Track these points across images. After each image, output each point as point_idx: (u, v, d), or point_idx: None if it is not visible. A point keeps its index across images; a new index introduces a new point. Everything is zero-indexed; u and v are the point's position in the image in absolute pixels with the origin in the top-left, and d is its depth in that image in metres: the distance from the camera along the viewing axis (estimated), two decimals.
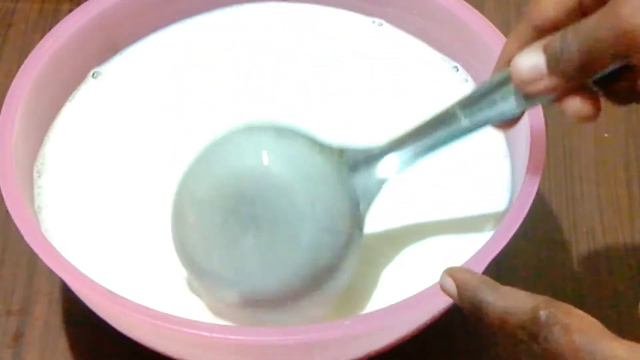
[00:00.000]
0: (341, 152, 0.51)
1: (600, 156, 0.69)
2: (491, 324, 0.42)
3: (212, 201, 0.50)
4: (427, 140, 0.51)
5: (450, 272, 0.44)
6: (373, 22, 0.67)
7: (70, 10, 0.63)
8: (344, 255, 0.50)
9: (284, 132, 0.50)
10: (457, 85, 0.64)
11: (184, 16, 0.66)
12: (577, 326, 0.38)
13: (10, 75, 0.59)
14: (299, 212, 0.49)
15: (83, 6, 0.63)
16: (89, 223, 0.58)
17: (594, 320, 0.39)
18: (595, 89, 0.48)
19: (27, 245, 0.53)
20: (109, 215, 0.58)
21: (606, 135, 0.70)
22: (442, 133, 0.51)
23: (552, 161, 0.68)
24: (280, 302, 0.51)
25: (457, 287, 0.44)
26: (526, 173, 0.55)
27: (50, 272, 0.52)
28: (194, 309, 0.54)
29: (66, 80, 0.63)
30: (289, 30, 0.66)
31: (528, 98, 0.49)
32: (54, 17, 0.75)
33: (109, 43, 0.64)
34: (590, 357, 0.37)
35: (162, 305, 0.51)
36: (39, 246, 0.53)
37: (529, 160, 0.55)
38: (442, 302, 0.53)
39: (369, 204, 0.52)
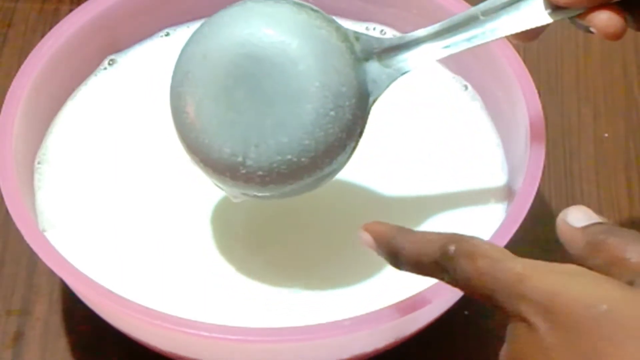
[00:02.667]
0: (356, 37, 0.51)
1: (600, 156, 0.69)
2: (409, 268, 0.44)
3: (216, 65, 0.49)
4: (444, 41, 0.51)
5: (365, 227, 0.46)
6: (382, 30, 0.66)
7: (70, 10, 0.63)
8: (343, 137, 0.50)
9: (302, 7, 0.50)
10: (466, 98, 0.64)
11: (185, 17, 0.66)
12: (480, 253, 0.40)
13: (10, 75, 0.59)
14: (306, 84, 0.48)
15: (83, 6, 0.63)
16: (90, 223, 0.58)
17: (496, 246, 0.41)
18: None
19: (27, 245, 0.53)
20: (109, 215, 0.59)
21: (606, 135, 0.70)
22: (460, 36, 0.51)
23: (552, 161, 0.68)
24: (273, 179, 0.50)
25: (374, 239, 0.45)
26: (526, 173, 0.55)
27: (50, 272, 0.52)
28: (194, 309, 0.54)
29: (66, 80, 0.63)
30: None
31: (555, 10, 0.49)
32: (54, 17, 0.75)
33: (109, 43, 0.64)
34: (493, 278, 0.39)
35: (162, 305, 0.51)
36: (39, 246, 0.53)
37: (529, 160, 0.55)
38: (443, 303, 0.53)
39: (376, 96, 0.51)
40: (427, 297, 0.50)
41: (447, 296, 0.52)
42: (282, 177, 0.50)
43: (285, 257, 0.57)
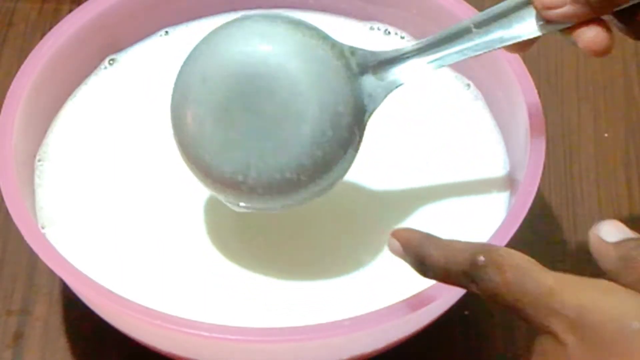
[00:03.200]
0: (352, 52, 0.51)
1: (600, 156, 0.69)
2: (436, 276, 0.43)
3: (216, 86, 0.50)
4: (438, 54, 0.52)
5: (394, 233, 0.45)
6: (386, 30, 0.66)
7: (70, 10, 0.63)
8: (341, 153, 0.51)
9: (297, 24, 0.51)
10: (468, 98, 0.64)
11: (184, 16, 0.66)
12: (509, 263, 0.40)
13: (10, 75, 0.59)
14: (303, 105, 0.49)
15: (83, 6, 0.63)
16: (90, 221, 0.58)
17: (526, 257, 0.40)
18: (615, 22, 0.48)
19: (27, 245, 0.53)
20: (109, 215, 0.58)
21: (606, 135, 0.70)
22: (453, 48, 0.52)
23: (552, 161, 0.68)
24: (273, 196, 0.51)
25: (402, 245, 0.45)
26: (526, 173, 0.55)
27: (50, 272, 0.52)
28: (194, 309, 0.54)
29: (66, 80, 0.63)
30: None
31: (545, 24, 0.49)
32: (54, 17, 0.75)
33: (109, 43, 0.64)
34: (522, 289, 0.39)
35: (162, 305, 0.51)
36: (39, 246, 0.53)
37: (529, 160, 0.55)
38: (443, 303, 0.53)
39: (372, 109, 0.52)
40: (427, 297, 0.50)
41: (447, 296, 0.52)
42: (281, 194, 0.51)
43: (285, 257, 0.57)
